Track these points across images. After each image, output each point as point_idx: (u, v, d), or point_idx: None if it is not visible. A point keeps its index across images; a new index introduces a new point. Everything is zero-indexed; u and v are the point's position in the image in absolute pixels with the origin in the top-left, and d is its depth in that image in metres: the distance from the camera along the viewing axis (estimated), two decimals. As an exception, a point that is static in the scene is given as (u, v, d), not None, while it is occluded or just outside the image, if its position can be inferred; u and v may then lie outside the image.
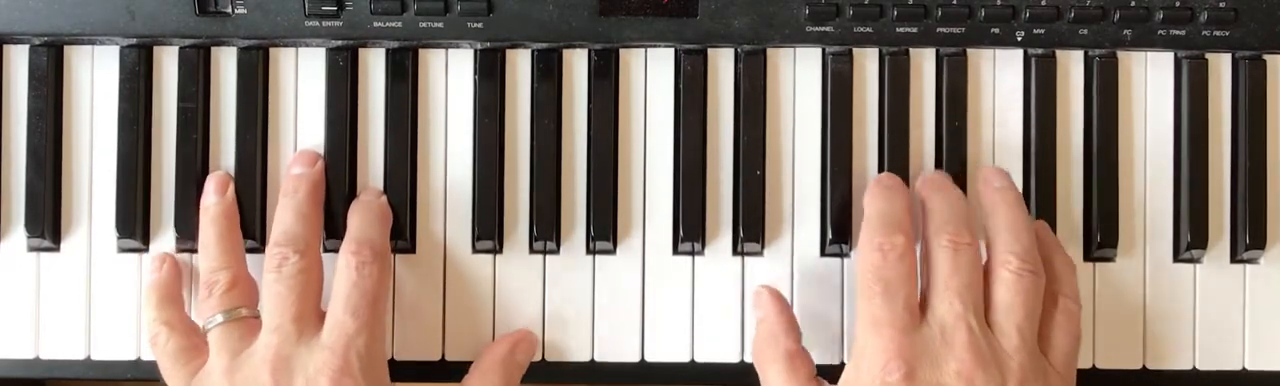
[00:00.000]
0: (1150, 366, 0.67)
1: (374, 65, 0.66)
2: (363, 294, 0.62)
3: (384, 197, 0.66)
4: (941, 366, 0.59)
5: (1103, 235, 0.66)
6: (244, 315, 0.63)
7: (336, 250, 0.64)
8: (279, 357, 0.61)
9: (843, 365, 0.64)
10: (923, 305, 0.61)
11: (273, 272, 0.62)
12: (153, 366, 0.65)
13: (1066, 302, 0.63)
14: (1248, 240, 0.66)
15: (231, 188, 0.65)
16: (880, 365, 0.59)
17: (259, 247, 0.65)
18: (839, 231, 0.66)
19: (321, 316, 0.63)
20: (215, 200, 0.65)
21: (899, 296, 0.60)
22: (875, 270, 0.61)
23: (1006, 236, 0.62)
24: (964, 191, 0.65)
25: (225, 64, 0.66)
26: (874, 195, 0.64)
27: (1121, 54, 0.67)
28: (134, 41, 0.66)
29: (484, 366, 0.65)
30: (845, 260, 0.67)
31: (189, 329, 0.64)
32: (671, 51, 0.67)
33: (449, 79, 0.67)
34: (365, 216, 0.64)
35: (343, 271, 0.62)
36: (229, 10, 0.64)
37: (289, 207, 0.64)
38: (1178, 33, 0.66)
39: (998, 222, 0.63)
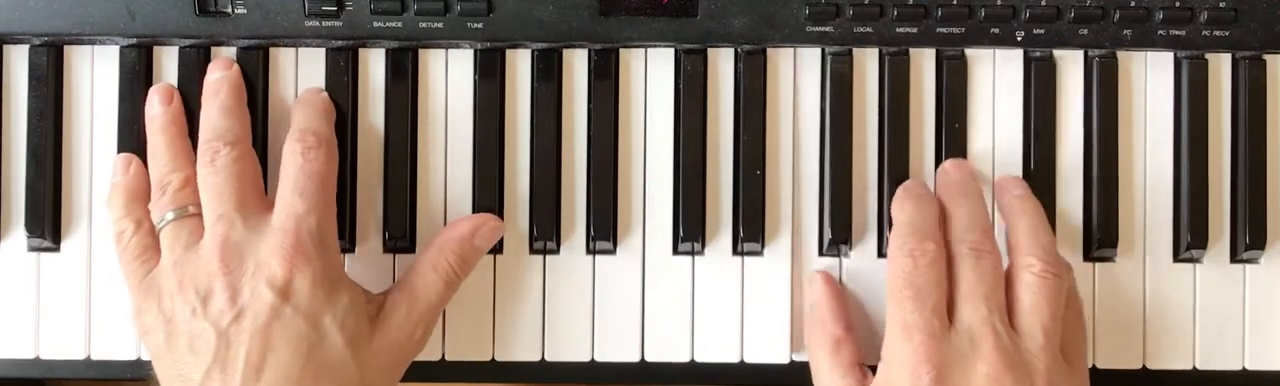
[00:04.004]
0: (1150, 366, 0.67)
1: (374, 65, 0.66)
2: (310, 176, 0.62)
3: (325, 94, 0.65)
4: (971, 370, 0.59)
5: (1103, 235, 0.66)
6: (193, 212, 0.62)
7: (347, 251, 0.65)
8: (227, 244, 0.60)
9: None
10: (949, 311, 0.61)
11: (206, 167, 0.62)
12: (152, 366, 0.65)
13: (1074, 303, 0.64)
14: (1248, 240, 0.66)
15: (176, 97, 0.65)
16: (910, 369, 0.60)
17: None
18: (839, 231, 0.66)
19: (266, 205, 0.62)
20: (160, 110, 0.65)
21: (929, 301, 0.61)
22: (906, 276, 0.61)
23: (1028, 240, 0.63)
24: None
25: (225, 64, 0.66)
26: (903, 201, 0.64)
27: (1121, 54, 0.67)
28: (134, 41, 0.66)
29: (442, 241, 0.64)
30: (845, 260, 0.67)
31: (153, 230, 0.63)
32: (671, 51, 0.67)
33: (449, 79, 0.67)
34: (307, 110, 0.64)
35: (288, 158, 0.62)
36: (229, 10, 0.64)
37: (212, 106, 0.64)
38: (1178, 33, 0.66)
39: (1018, 227, 0.64)
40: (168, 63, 0.66)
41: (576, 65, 0.67)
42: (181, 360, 0.59)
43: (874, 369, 0.63)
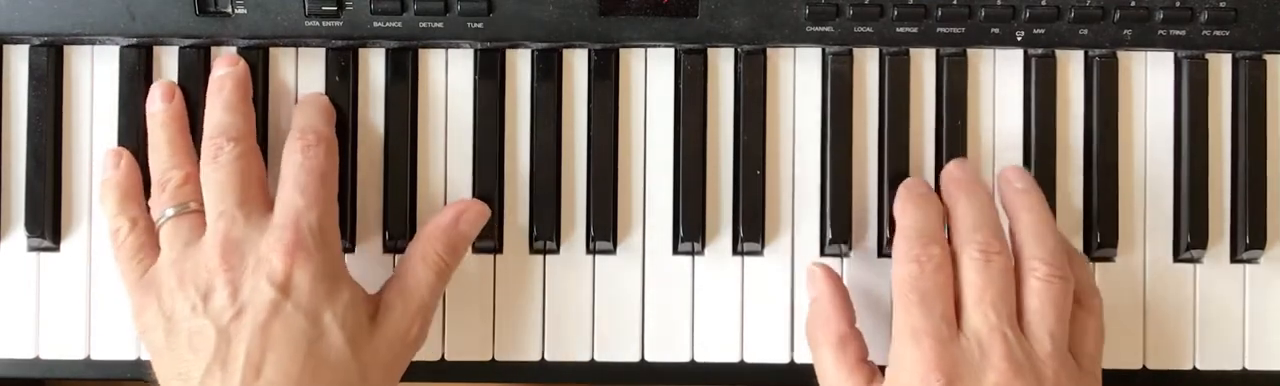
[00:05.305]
0: (1150, 366, 0.67)
1: (374, 65, 0.66)
2: (309, 172, 0.62)
3: (325, 97, 0.65)
4: (980, 377, 0.59)
5: (1103, 235, 0.66)
6: (194, 208, 0.62)
7: (347, 251, 0.65)
8: (228, 241, 0.60)
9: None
10: (957, 315, 0.61)
11: (210, 164, 0.62)
12: (151, 366, 0.65)
13: (1089, 302, 0.63)
14: (1248, 240, 0.66)
15: (178, 94, 0.65)
16: (920, 376, 0.59)
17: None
18: (839, 231, 0.66)
19: (269, 202, 0.62)
20: (162, 107, 0.64)
21: (936, 306, 0.60)
22: (912, 281, 0.61)
23: (1032, 242, 0.62)
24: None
25: (225, 64, 0.66)
26: (906, 202, 0.64)
27: (1121, 54, 0.67)
28: (134, 41, 0.66)
29: (427, 232, 0.64)
30: (845, 260, 0.67)
31: (149, 227, 0.63)
32: (671, 51, 0.67)
33: (449, 79, 0.67)
34: (307, 110, 0.64)
35: (288, 157, 0.62)
36: (229, 10, 0.64)
37: (217, 102, 0.64)
38: (1178, 33, 0.66)
39: (1021, 227, 0.63)
40: (168, 63, 0.66)
41: (576, 65, 0.67)
42: (181, 358, 0.59)
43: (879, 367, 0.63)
